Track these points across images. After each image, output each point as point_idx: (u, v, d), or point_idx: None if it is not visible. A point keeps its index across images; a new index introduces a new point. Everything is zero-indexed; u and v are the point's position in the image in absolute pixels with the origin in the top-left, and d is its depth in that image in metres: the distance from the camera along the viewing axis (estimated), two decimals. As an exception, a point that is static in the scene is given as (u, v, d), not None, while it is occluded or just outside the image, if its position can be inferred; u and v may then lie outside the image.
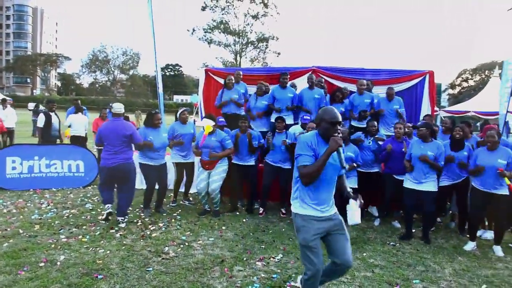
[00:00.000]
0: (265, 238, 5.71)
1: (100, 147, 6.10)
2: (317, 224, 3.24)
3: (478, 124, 17.17)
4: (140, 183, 8.34)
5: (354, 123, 8.08)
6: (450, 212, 7.13)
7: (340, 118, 3.22)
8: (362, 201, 3.48)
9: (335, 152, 3.12)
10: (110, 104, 7.25)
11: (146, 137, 6.48)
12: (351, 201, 3.43)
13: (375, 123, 6.88)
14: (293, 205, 3.34)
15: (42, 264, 4.44)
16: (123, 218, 6.16)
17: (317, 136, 3.27)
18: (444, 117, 20.16)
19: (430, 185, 5.71)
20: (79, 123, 10.09)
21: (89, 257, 4.72)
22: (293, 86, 8.59)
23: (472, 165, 5.69)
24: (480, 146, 6.25)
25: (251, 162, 7.02)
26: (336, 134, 3.16)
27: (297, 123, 7.72)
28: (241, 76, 8.69)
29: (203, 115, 8.67)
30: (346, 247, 3.35)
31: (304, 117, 7.28)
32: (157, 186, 6.85)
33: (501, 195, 5.40)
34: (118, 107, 6.21)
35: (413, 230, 6.09)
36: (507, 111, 9.13)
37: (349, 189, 3.53)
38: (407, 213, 6.03)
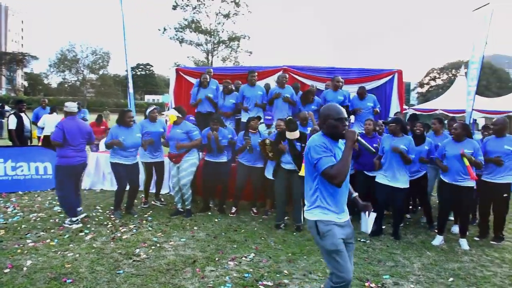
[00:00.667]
0: (237, 237, 5.71)
1: (57, 145, 5.95)
2: (340, 229, 3.08)
3: (445, 121, 17.66)
4: (110, 185, 8.25)
5: None
6: (420, 207, 7.30)
7: (345, 113, 3.13)
8: (372, 209, 3.39)
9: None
10: (78, 102, 7.13)
11: (117, 136, 6.40)
12: (366, 212, 3.38)
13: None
14: (311, 214, 3.13)
15: (7, 270, 4.31)
16: (80, 209, 6.28)
17: (324, 137, 3.11)
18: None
19: (402, 182, 5.82)
20: (52, 123, 9.89)
21: (58, 261, 4.61)
22: (268, 87, 8.59)
23: (439, 155, 5.88)
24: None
25: (223, 159, 6.99)
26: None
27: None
28: (212, 73, 8.69)
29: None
30: (351, 258, 3.23)
31: (266, 117, 7.33)
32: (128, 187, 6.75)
33: (467, 187, 5.55)
34: (73, 106, 6.15)
35: (383, 227, 6.20)
36: (473, 109, 9.40)
37: (354, 193, 3.41)
38: (378, 209, 6.13)
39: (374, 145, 6.27)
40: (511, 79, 54.45)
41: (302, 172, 5.95)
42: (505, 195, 5.84)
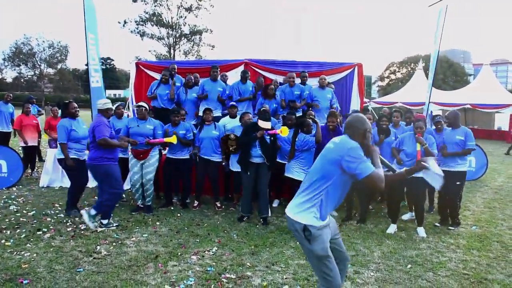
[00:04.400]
0: (200, 231, 5.69)
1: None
2: (328, 230, 3.00)
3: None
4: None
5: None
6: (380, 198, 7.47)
7: None
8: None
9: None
10: (31, 97, 6.88)
11: (71, 127, 6.24)
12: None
13: (293, 117, 6.94)
14: (301, 216, 2.94)
15: (-41, 272, 4.14)
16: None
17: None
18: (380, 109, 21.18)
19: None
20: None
21: (13, 262, 4.46)
22: (225, 77, 8.60)
23: (397, 146, 6.10)
24: None
25: (185, 155, 6.94)
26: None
27: (226, 114, 7.72)
28: (176, 69, 8.61)
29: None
30: (342, 246, 3.24)
31: (231, 104, 7.37)
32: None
33: (421, 178, 5.73)
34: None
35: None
36: (429, 102, 9.69)
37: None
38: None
39: None
40: (466, 73, 56.50)
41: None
42: (458, 182, 6.11)
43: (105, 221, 5.74)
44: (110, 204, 5.76)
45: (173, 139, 6.38)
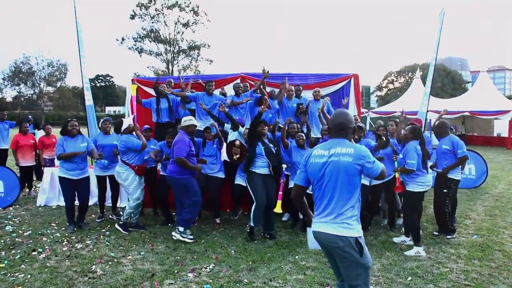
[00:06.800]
0: (197, 248, 5.61)
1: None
2: None
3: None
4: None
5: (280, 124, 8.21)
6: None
7: None
8: None
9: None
10: (29, 117, 6.88)
11: (63, 146, 6.30)
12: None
13: (295, 125, 6.94)
14: (351, 230, 2.92)
15: (-49, 296, 4.08)
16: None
17: None
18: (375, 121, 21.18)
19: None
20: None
21: (7, 284, 4.39)
22: (224, 93, 8.60)
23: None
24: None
25: None
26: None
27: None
28: (172, 84, 8.62)
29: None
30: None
31: (238, 118, 7.37)
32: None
33: (407, 191, 5.68)
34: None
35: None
36: (427, 110, 9.65)
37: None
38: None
39: None
40: (464, 80, 56.68)
41: (278, 209, 5.91)
42: (444, 190, 6.04)
43: (181, 228, 5.85)
44: (192, 212, 5.96)
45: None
